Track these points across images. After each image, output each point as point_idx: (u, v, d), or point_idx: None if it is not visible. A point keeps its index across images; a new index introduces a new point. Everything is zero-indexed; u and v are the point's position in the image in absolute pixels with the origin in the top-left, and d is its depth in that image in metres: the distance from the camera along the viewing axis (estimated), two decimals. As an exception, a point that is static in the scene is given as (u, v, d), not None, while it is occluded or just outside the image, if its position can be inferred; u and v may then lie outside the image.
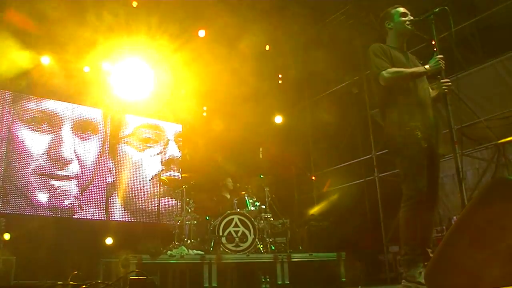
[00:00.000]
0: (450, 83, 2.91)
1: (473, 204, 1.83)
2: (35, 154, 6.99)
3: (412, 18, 3.11)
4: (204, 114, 8.75)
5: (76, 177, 7.31)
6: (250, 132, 8.66)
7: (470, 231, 1.76)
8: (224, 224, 5.81)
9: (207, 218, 6.23)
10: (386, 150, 7.85)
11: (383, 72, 2.86)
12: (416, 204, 2.75)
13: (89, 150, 7.59)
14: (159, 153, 8.41)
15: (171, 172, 8.18)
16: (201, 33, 7.59)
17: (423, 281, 2.57)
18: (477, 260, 1.69)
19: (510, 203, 1.70)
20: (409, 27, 3.07)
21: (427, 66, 2.89)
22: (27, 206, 6.74)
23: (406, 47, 3.20)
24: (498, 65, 6.19)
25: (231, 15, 7.20)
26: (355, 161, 8.47)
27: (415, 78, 2.92)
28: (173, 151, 8.60)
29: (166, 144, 8.56)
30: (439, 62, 2.87)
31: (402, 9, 3.13)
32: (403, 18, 3.08)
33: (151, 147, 8.37)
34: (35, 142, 7.05)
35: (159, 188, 6.45)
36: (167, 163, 7.95)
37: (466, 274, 1.73)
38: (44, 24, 6.61)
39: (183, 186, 6.33)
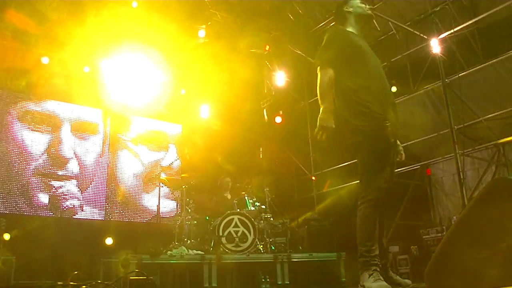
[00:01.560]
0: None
1: (473, 204, 1.83)
2: (35, 154, 6.99)
3: (367, 6, 3.02)
4: (204, 114, 8.74)
5: (76, 177, 7.31)
6: (250, 132, 8.66)
7: (470, 231, 1.76)
8: (224, 224, 5.81)
9: (207, 218, 6.23)
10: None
11: (321, 69, 2.75)
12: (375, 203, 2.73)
13: (89, 150, 7.59)
14: (159, 153, 8.42)
15: (171, 172, 8.17)
16: (201, 33, 7.59)
17: (368, 284, 2.56)
18: (477, 260, 1.69)
19: (510, 203, 1.69)
20: (369, 11, 3.01)
21: (323, 123, 2.77)
22: (27, 206, 6.74)
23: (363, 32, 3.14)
24: (498, 65, 6.19)
25: (231, 15, 7.20)
26: (355, 161, 8.44)
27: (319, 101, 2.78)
28: (173, 151, 8.60)
29: (166, 144, 8.56)
30: (318, 134, 2.84)
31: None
32: (362, 4, 3.00)
33: (151, 147, 8.37)
34: (35, 142, 7.05)
35: (159, 188, 6.44)
36: (167, 163, 7.95)
37: (466, 274, 1.73)
38: (44, 24, 6.61)
39: (183, 186, 6.32)
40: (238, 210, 6.18)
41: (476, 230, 1.74)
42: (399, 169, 8.01)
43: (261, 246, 5.98)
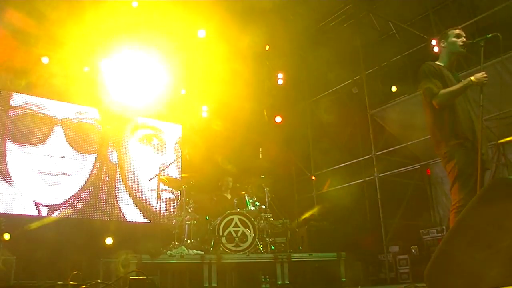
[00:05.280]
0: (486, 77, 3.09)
1: (473, 204, 1.83)
2: (35, 154, 6.99)
3: (464, 39, 3.31)
4: (204, 114, 8.74)
5: (75, 177, 7.30)
6: (250, 132, 8.66)
7: (470, 231, 1.76)
8: (224, 224, 5.81)
9: (207, 218, 6.23)
10: (386, 150, 7.88)
11: (435, 97, 3.10)
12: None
13: (89, 150, 7.59)
14: (159, 153, 8.41)
15: (171, 173, 8.18)
16: (201, 33, 7.58)
17: None
18: (477, 260, 1.69)
19: (510, 203, 1.69)
20: (461, 48, 3.29)
21: (472, 78, 3.04)
22: (27, 206, 6.74)
23: (455, 67, 3.43)
24: (498, 65, 6.19)
25: (231, 15, 7.20)
26: (355, 161, 8.47)
27: (464, 92, 3.14)
28: (173, 151, 8.60)
29: (166, 144, 8.56)
30: (486, 78, 3.05)
31: (457, 31, 3.35)
32: (456, 39, 3.31)
33: (151, 147, 8.37)
34: (35, 142, 7.05)
35: (159, 188, 6.44)
36: (167, 164, 7.94)
37: (466, 274, 1.73)
38: (44, 24, 6.60)
39: (183, 186, 6.32)
40: (238, 210, 6.18)
41: (476, 230, 1.74)
42: (399, 169, 8.02)
43: (261, 246, 5.98)
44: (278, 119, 9.06)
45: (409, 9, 7.72)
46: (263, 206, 6.50)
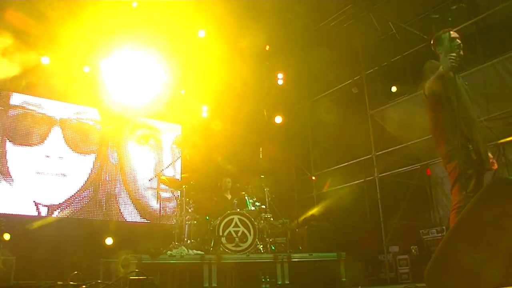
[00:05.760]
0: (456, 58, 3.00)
1: (473, 204, 1.83)
2: (34, 154, 6.99)
3: (459, 42, 3.27)
4: (204, 114, 8.74)
5: (75, 177, 7.30)
6: (250, 132, 8.66)
7: (470, 231, 1.76)
8: (224, 224, 5.81)
9: (207, 218, 6.23)
10: (386, 150, 7.89)
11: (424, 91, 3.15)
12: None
13: (89, 150, 7.59)
14: (158, 153, 8.41)
15: (171, 173, 8.17)
16: (201, 33, 7.58)
17: None
18: (477, 260, 1.69)
19: (510, 203, 1.69)
20: (456, 53, 3.22)
21: (440, 68, 3.02)
22: (27, 206, 6.74)
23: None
24: (498, 65, 6.19)
25: (231, 15, 7.20)
26: (355, 161, 8.47)
27: (441, 80, 3.08)
28: (173, 151, 8.60)
29: (166, 144, 8.55)
30: (451, 59, 2.97)
31: (452, 33, 3.33)
32: (451, 43, 3.29)
33: (151, 147, 8.37)
34: (34, 142, 7.05)
35: (159, 188, 6.44)
36: (167, 163, 7.94)
37: (466, 274, 1.73)
38: (44, 24, 6.61)
39: (183, 186, 6.33)
40: (238, 210, 6.18)
41: (476, 230, 1.74)
42: (399, 169, 8.02)
43: (261, 246, 5.98)
44: (278, 119, 9.06)
45: (409, 9, 7.72)
46: (263, 206, 6.50)
